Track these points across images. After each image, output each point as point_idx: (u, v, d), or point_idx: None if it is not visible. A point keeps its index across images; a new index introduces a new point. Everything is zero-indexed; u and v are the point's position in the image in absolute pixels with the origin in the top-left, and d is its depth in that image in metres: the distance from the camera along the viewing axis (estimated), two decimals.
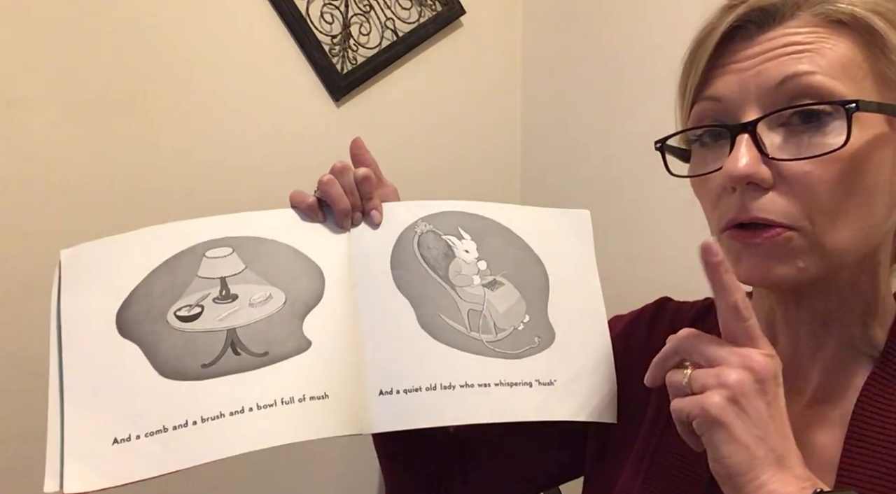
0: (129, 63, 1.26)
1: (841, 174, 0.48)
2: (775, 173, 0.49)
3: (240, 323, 0.60)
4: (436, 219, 0.68)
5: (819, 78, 0.48)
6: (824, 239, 0.49)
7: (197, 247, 0.63)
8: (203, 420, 0.56)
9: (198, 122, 1.32)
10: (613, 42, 1.43)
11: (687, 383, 0.48)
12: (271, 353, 0.60)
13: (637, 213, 1.36)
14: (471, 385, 0.62)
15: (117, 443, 0.55)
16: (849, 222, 0.49)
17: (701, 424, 0.46)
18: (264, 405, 0.58)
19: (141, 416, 0.56)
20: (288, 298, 0.62)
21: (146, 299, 0.60)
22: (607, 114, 1.45)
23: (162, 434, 0.55)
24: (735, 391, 0.46)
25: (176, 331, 0.59)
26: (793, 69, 0.48)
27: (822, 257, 0.50)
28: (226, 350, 0.59)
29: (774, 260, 0.50)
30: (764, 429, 0.46)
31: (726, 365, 0.47)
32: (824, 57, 0.48)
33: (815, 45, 0.49)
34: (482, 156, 1.63)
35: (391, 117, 1.52)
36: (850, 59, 0.48)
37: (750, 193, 0.50)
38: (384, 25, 1.49)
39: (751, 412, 0.46)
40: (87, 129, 1.22)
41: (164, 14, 1.28)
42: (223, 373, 0.58)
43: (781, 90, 0.49)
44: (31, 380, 1.15)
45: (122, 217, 1.24)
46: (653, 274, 1.31)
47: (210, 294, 0.61)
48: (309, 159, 1.41)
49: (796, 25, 0.50)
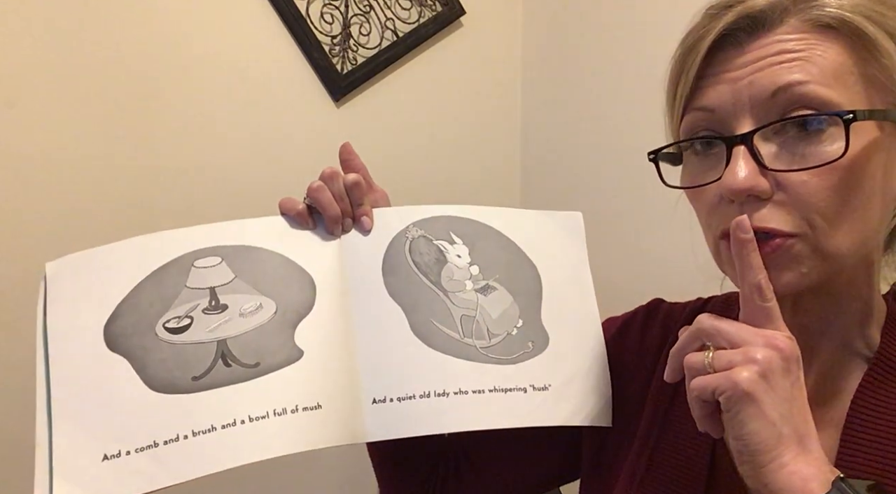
0: (130, 63, 1.26)
1: (839, 181, 0.48)
2: (773, 183, 0.49)
3: (230, 333, 0.59)
4: (427, 224, 0.68)
5: (812, 87, 0.47)
6: (826, 243, 0.49)
7: (185, 257, 0.61)
8: (195, 433, 0.55)
9: (198, 122, 1.32)
10: (613, 42, 1.43)
11: (710, 362, 0.48)
12: (263, 364, 0.59)
13: (636, 213, 1.36)
14: (465, 391, 0.61)
15: (107, 460, 0.54)
16: (848, 226, 0.49)
17: (730, 398, 0.46)
18: (257, 417, 0.57)
19: (131, 431, 0.55)
20: (279, 307, 0.61)
21: (134, 311, 0.59)
22: (607, 113, 1.45)
23: (153, 450, 0.54)
24: (764, 367, 0.46)
25: (165, 344, 0.58)
26: (786, 79, 0.48)
27: (823, 261, 0.50)
28: (216, 361, 0.58)
29: (780, 270, 0.50)
30: (789, 409, 0.46)
31: (752, 344, 0.47)
32: (815, 64, 0.48)
33: (805, 52, 0.48)
34: (482, 155, 1.63)
35: (391, 117, 1.52)
36: (840, 65, 0.48)
37: (750, 204, 0.49)
38: (384, 25, 1.49)
39: (778, 389, 0.46)
40: (87, 129, 1.23)
41: (164, 14, 1.28)
42: (214, 386, 0.57)
43: (775, 100, 0.48)
44: None
45: (122, 216, 1.25)
46: (651, 274, 1.31)
47: (199, 304, 0.60)
48: (309, 159, 1.41)
49: (785, 32, 0.49)
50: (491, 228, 0.69)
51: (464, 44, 1.58)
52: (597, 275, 0.70)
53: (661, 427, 0.62)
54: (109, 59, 1.24)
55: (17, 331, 1.18)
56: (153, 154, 1.28)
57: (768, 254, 0.49)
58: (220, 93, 1.34)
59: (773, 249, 0.49)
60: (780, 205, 0.49)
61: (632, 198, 1.37)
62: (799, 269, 0.50)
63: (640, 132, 1.43)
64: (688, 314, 0.69)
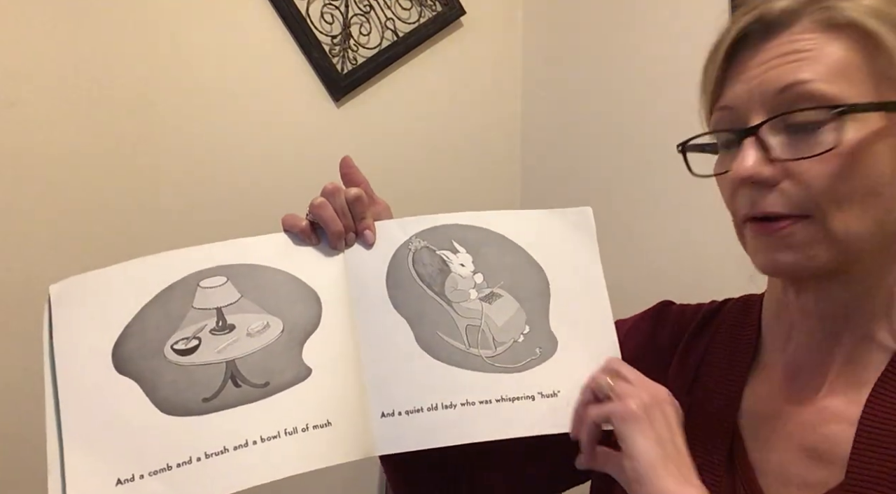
0: (130, 63, 1.26)
1: (840, 168, 0.51)
2: (781, 171, 0.52)
3: (239, 354, 0.59)
4: (429, 235, 0.67)
5: (816, 85, 0.51)
6: (833, 225, 0.51)
7: (190, 278, 0.61)
8: (207, 456, 0.55)
9: (198, 122, 1.32)
10: (613, 42, 1.43)
11: (611, 388, 0.58)
12: (272, 383, 0.59)
13: (638, 212, 1.36)
14: (472, 402, 0.62)
15: (121, 484, 0.54)
16: (858, 211, 0.51)
17: (623, 419, 0.55)
18: (268, 437, 0.57)
19: (143, 455, 0.55)
20: (286, 326, 0.61)
21: (141, 334, 0.58)
22: (607, 113, 1.45)
23: (166, 473, 0.54)
24: (651, 402, 0.56)
25: (174, 366, 0.58)
26: (793, 78, 0.52)
27: (831, 244, 0.52)
28: (226, 382, 0.58)
29: (785, 251, 0.53)
30: (671, 437, 0.55)
31: (641, 387, 0.57)
32: (821, 63, 0.51)
33: (813, 51, 0.52)
34: (482, 155, 1.63)
35: (391, 117, 1.52)
36: (847, 63, 0.51)
37: (759, 191, 0.53)
38: (384, 25, 1.48)
39: (662, 420, 0.55)
40: (86, 130, 1.23)
41: (165, 14, 1.28)
42: (224, 407, 0.57)
43: (783, 96, 0.52)
44: None
45: (122, 216, 1.25)
46: (654, 274, 1.31)
47: (206, 325, 0.60)
48: (309, 159, 1.41)
49: (797, 32, 0.53)
50: (495, 233, 0.68)
51: (464, 44, 1.58)
52: (605, 274, 0.69)
53: None
54: (109, 60, 1.24)
55: (15, 331, 1.18)
56: (153, 154, 1.28)
57: (775, 236, 0.53)
58: (221, 93, 1.34)
59: (779, 231, 0.53)
60: (786, 190, 0.52)
61: (633, 197, 1.38)
62: (806, 252, 0.52)
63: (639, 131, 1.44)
64: (703, 315, 0.69)
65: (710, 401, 0.63)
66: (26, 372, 1.16)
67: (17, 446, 1.16)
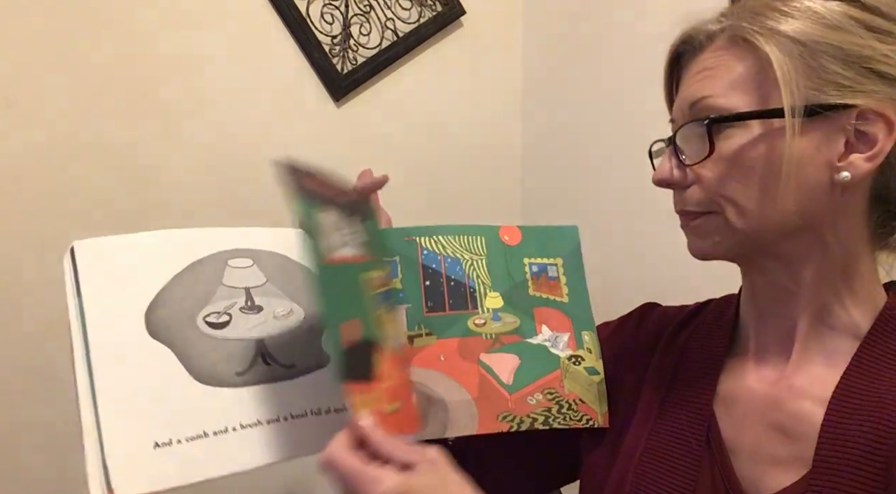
0: (129, 63, 1.25)
1: (726, 171, 0.58)
2: (692, 174, 0.60)
3: (268, 333, 0.61)
4: None
5: (714, 99, 0.57)
6: (731, 217, 0.58)
7: (219, 255, 0.62)
8: (242, 426, 0.56)
9: (198, 122, 1.32)
10: (613, 42, 1.43)
11: None
12: (298, 366, 0.61)
13: (637, 213, 1.36)
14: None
15: (158, 447, 0.53)
16: (748, 204, 0.57)
17: None
18: (297, 415, 0.59)
19: (180, 420, 0.55)
20: (307, 314, 0.64)
21: (174, 302, 0.59)
22: (608, 114, 1.45)
23: (203, 440, 0.55)
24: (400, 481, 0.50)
25: (207, 337, 0.59)
26: (700, 93, 0.58)
27: (733, 233, 0.59)
28: (256, 359, 0.60)
29: (696, 239, 0.62)
30: None
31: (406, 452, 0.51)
32: (719, 79, 0.58)
33: (714, 69, 0.58)
34: (483, 155, 1.63)
35: (391, 117, 1.52)
36: (741, 75, 0.57)
37: (678, 191, 0.62)
38: (384, 25, 1.49)
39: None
40: (86, 130, 1.22)
41: (165, 15, 1.28)
42: (256, 382, 0.59)
43: (694, 111, 0.59)
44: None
45: (122, 217, 1.24)
46: (652, 277, 1.31)
47: (236, 303, 0.61)
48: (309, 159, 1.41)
49: (711, 50, 0.60)
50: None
51: (464, 44, 1.58)
52: (598, 277, 0.71)
53: (658, 413, 0.66)
54: (109, 59, 1.24)
55: (15, 330, 1.18)
56: (153, 154, 1.28)
57: (689, 227, 0.62)
58: (221, 92, 1.34)
59: (691, 223, 0.62)
60: (695, 190, 0.60)
61: (633, 198, 1.37)
62: (711, 239, 0.61)
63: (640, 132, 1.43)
64: (684, 316, 0.73)
65: (688, 390, 0.66)
66: (22, 368, 1.17)
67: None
